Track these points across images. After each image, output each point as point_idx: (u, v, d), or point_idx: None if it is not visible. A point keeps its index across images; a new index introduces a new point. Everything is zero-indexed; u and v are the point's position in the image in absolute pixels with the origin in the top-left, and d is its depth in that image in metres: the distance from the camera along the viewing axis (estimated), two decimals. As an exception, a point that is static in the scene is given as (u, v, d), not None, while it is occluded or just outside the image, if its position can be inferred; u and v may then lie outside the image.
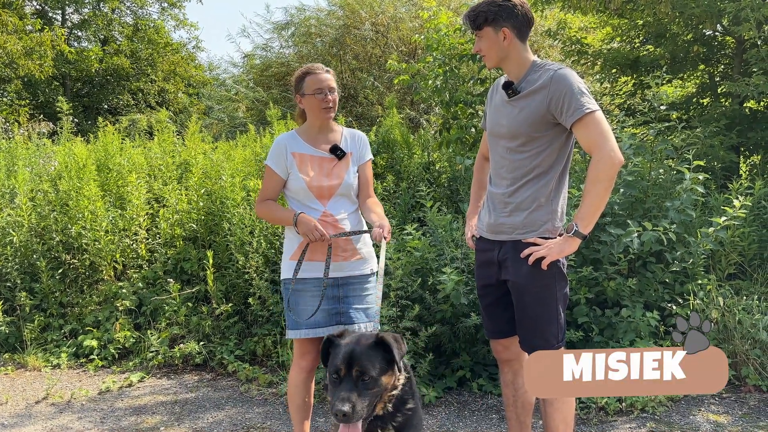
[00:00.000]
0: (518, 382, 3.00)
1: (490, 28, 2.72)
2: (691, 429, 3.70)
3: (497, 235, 2.84)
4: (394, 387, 2.29)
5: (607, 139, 2.55)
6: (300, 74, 3.15)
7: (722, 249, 4.80)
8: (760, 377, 4.28)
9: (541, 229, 2.74)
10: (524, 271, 2.72)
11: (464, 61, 6.03)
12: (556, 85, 2.61)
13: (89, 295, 5.58)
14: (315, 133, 3.17)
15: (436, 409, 4.07)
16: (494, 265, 2.86)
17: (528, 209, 2.74)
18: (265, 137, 7.49)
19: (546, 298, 2.73)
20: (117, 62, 19.52)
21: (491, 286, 2.92)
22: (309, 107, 3.13)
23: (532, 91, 2.69)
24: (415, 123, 10.61)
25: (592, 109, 2.57)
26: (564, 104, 2.60)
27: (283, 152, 3.14)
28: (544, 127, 2.69)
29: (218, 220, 5.80)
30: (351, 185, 3.13)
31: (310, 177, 3.08)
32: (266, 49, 14.72)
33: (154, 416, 4.06)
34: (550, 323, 2.74)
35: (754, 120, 6.57)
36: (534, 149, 2.72)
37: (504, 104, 2.82)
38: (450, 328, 4.43)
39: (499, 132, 2.83)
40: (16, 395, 4.48)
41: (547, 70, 2.68)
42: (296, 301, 3.07)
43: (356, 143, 3.22)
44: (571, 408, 2.84)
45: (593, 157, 2.58)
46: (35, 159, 6.97)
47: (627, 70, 7.27)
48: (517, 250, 2.75)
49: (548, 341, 2.74)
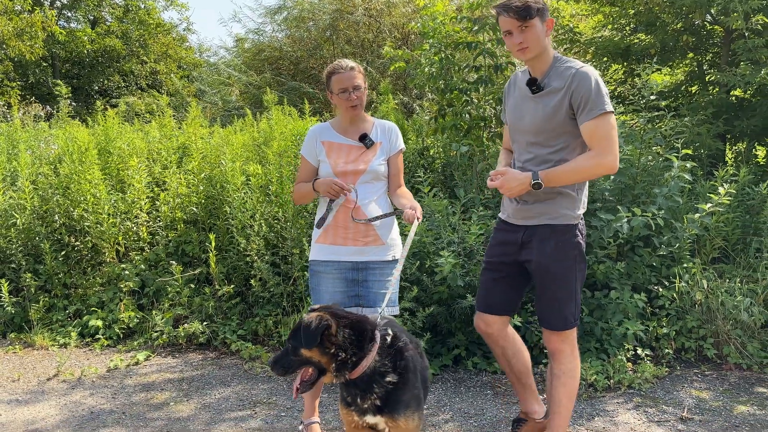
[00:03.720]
0: (509, 354, 3.19)
1: (539, 20, 2.80)
2: (675, 404, 3.91)
3: (524, 221, 3.00)
4: (332, 358, 2.42)
5: (613, 144, 2.75)
6: (327, 73, 3.31)
7: (707, 234, 5.00)
8: (740, 356, 4.50)
9: (566, 215, 2.91)
10: (548, 251, 2.90)
11: (460, 49, 6.15)
12: (578, 82, 2.76)
13: (92, 277, 5.71)
14: (346, 125, 3.34)
15: (434, 386, 4.26)
16: (515, 245, 3.02)
17: (555, 197, 2.90)
18: (262, 122, 7.60)
19: (567, 278, 2.92)
20: (108, 43, 19.41)
21: (505, 264, 3.09)
22: (337, 104, 3.31)
23: (555, 89, 2.83)
24: (409, 109, 10.72)
25: (608, 110, 2.74)
26: (582, 102, 2.75)
27: (313, 141, 3.33)
28: (567, 123, 2.83)
29: (218, 204, 5.93)
30: (377, 172, 3.27)
31: (337, 162, 3.25)
32: (258, 33, 14.75)
33: (163, 392, 4.22)
34: (569, 302, 2.94)
35: (740, 108, 6.76)
36: (559, 144, 2.87)
37: (526, 100, 2.95)
38: (446, 309, 4.61)
39: (521, 127, 2.97)
40: (27, 373, 4.62)
41: (569, 68, 2.82)
42: (317, 282, 3.27)
43: (386, 134, 3.37)
44: (576, 383, 3.04)
45: (595, 152, 2.77)
46: (34, 142, 7.05)
47: (618, 59, 7.42)
48: (542, 233, 2.93)
49: (566, 319, 2.95)
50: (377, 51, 12.65)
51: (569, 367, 3.00)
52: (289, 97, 10.50)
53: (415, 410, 2.53)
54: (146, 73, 20.72)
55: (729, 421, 3.66)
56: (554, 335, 3.01)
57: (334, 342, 2.40)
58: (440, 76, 6.17)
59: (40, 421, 3.78)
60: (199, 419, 3.79)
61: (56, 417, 3.84)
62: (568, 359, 3.00)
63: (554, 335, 3.01)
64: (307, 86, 12.71)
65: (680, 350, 4.64)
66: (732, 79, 5.89)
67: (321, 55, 13.53)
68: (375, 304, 3.25)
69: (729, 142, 7.22)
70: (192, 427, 3.68)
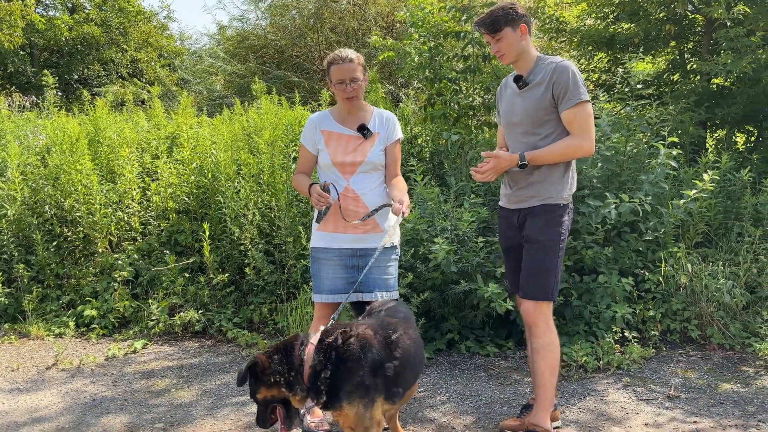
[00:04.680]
0: None
1: (509, 29, 3.13)
2: (662, 383, 4.06)
3: (517, 204, 3.27)
4: (279, 385, 2.62)
5: (590, 130, 3.09)
6: (327, 63, 3.36)
7: (691, 219, 5.15)
8: (723, 336, 4.67)
9: (554, 196, 3.17)
10: (538, 225, 3.18)
11: (448, 39, 6.22)
12: (557, 75, 3.07)
13: (85, 267, 5.73)
14: (345, 114, 3.41)
15: (429, 369, 4.37)
16: (515, 228, 3.30)
17: (543, 182, 3.18)
18: (250, 111, 7.62)
19: (552, 250, 3.16)
20: (87, 31, 19.13)
21: (513, 247, 3.36)
22: (336, 94, 3.37)
23: (539, 82, 3.14)
24: (395, 97, 10.78)
25: (584, 100, 3.06)
26: (562, 92, 3.07)
27: (313, 130, 3.40)
28: (551, 111, 3.13)
29: (210, 193, 5.97)
30: (374, 163, 3.36)
31: (335, 153, 3.31)
32: (242, 21, 14.68)
33: (163, 379, 4.28)
34: (549, 274, 3.15)
35: (721, 96, 6.92)
36: (545, 131, 3.16)
37: (515, 96, 3.25)
38: (440, 295, 4.71)
39: (513, 121, 3.26)
40: (26, 362, 4.65)
41: (551, 63, 3.14)
42: (318, 268, 3.37)
43: (384, 123, 3.44)
44: (556, 356, 3.21)
45: (575, 135, 3.10)
46: (21, 133, 7.01)
47: (603, 47, 7.54)
48: (533, 212, 3.20)
49: (545, 290, 3.16)
50: (362, 39, 12.67)
51: (546, 341, 3.19)
52: (274, 86, 10.48)
53: (357, 397, 2.56)
54: (127, 61, 20.47)
55: (714, 398, 3.82)
56: (532, 307, 3.20)
57: (270, 372, 2.58)
58: (429, 65, 6.24)
59: (43, 409, 3.83)
60: (201, 405, 3.86)
61: (59, 404, 3.89)
62: (545, 333, 3.20)
63: (532, 307, 3.20)
64: (292, 75, 12.71)
65: (666, 332, 4.79)
66: (714, 67, 6.03)
67: (305, 44, 13.52)
68: (374, 290, 3.34)
69: (709, 130, 7.38)
70: (195, 412, 3.75)
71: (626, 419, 3.56)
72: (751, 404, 3.72)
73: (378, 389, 2.61)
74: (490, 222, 5.06)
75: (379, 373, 2.61)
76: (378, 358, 2.62)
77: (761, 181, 5.55)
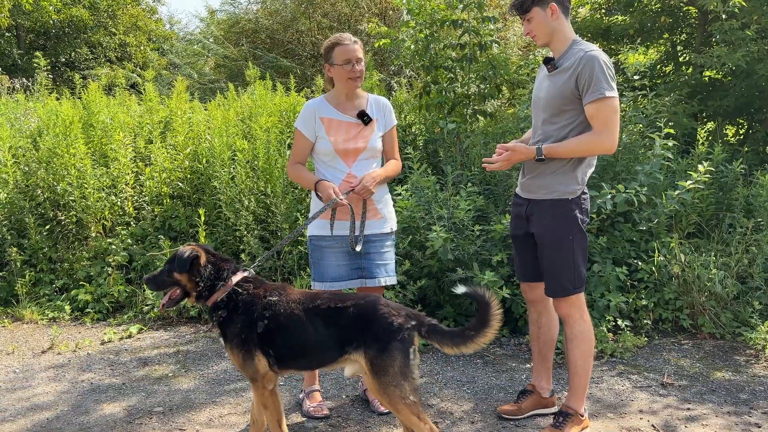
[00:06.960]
0: (542, 321, 3.43)
1: (538, 8, 3.02)
2: (655, 370, 4.12)
3: (526, 193, 3.22)
4: (195, 285, 2.85)
5: (613, 127, 2.94)
6: (329, 44, 3.33)
7: (683, 210, 5.21)
8: (714, 326, 4.74)
9: (561, 190, 3.09)
10: (545, 223, 3.13)
11: (445, 27, 6.21)
12: (583, 65, 2.92)
13: (79, 251, 5.70)
14: (342, 99, 3.38)
15: (426, 356, 4.40)
16: (523, 218, 3.25)
17: (553, 173, 3.09)
18: (244, 97, 7.59)
19: (562, 248, 3.10)
20: (75, 13, 18.86)
21: (520, 236, 3.31)
22: (337, 76, 3.33)
23: (566, 68, 3.00)
24: (388, 85, 10.76)
25: (608, 95, 2.90)
26: (586, 84, 2.92)
27: (312, 117, 3.35)
28: (571, 101, 3.00)
29: (204, 179, 5.95)
30: (375, 149, 3.37)
31: (337, 140, 3.30)
32: (233, 4, 14.56)
33: (161, 365, 4.29)
34: (565, 270, 3.11)
35: (713, 88, 6.98)
36: (563, 122, 3.05)
37: (544, 77, 3.15)
38: (436, 282, 4.75)
39: (538, 104, 3.18)
40: (21, 346, 4.64)
41: (581, 50, 2.98)
42: (320, 256, 3.37)
43: (381, 110, 3.45)
44: (591, 345, 3.21)
45: (597, 131, 2.95)
46: (12, 115, 6.94)
47: (599, 39, 7.56)
48: (540, 207, 3.14)
49: (563, 287, 3.13)
50: (354, 26, 12.62)
51: (580, 330, 3.18)
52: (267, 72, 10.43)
53: (231, 344, 2.82)
54: (115, 45, 20.22)
55: (707, 386, 3.89)
56: (560, 302, 3.21)
57: (200, 272, 2.84)
58: (425, 53, 6.24)
59: (41, 395, 3.82)
60: (200, 390, 3.87)
61: (56, 389, 3.89)
62: (578, 323, 3.19)
63: (560, 302, 3.21)
64: (285, 60, 12.64)
65: (658, 321, 4.85)
66: (709, 60, 6.07)
67: (297, 29, 13.44)
68: (376, 276, 3.37)
69: (701, 121, 7.45)
70: (194, 397, 3.76)
71: (621, 406, 3.62)
72: (743, 392, 3.80)
73: (255, 343, 2.81)
74: (486, 210, 5.08)
75: (253, 328, 2.81)
76: (257, 316, 2.83)
77: (752, 173, 5.62)
